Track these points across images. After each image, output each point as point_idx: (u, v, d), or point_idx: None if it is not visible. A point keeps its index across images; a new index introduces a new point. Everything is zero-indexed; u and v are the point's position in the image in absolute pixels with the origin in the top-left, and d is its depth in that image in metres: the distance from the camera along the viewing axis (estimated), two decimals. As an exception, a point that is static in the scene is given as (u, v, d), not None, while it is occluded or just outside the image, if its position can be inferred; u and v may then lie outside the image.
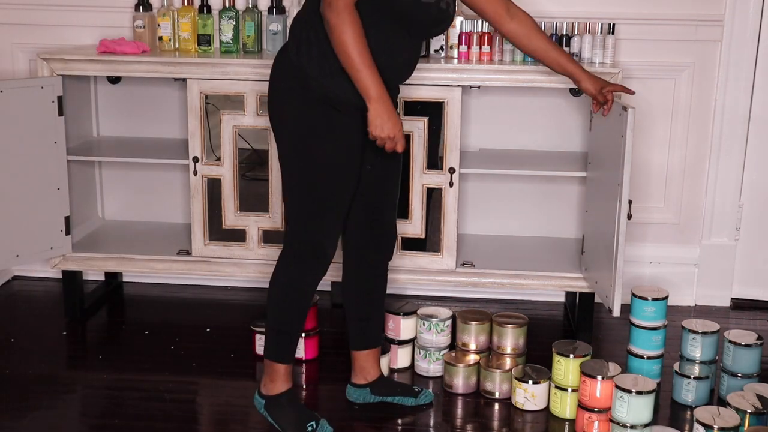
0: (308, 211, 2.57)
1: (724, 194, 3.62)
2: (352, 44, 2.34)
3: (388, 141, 2.45)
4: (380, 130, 2.42)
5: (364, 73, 2.37)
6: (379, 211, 2.72)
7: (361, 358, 2.86)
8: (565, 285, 3.31)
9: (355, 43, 2.34)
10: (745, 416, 2.57)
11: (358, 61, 2.35)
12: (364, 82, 2.38)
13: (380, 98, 2.40)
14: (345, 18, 2.32)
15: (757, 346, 2.89)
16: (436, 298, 3.65)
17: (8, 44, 3.68)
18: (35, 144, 3.24)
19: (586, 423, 2.69)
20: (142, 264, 3.41)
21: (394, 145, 2.47)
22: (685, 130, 3.58)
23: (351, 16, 2.33)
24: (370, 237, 2.74)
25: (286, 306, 2.65)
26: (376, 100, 2.40)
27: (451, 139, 3.20)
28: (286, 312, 2.66)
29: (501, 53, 3.29)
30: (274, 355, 2.68)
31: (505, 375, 2.90)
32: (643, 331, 2.92)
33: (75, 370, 3.14)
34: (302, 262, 2.60)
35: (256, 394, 2.72)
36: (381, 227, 2.75)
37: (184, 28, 3.40)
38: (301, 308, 2.67)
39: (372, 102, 2.40)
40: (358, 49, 2.35)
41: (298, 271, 2.61)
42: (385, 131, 2.43)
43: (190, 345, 3.26)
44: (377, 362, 2.88)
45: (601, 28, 3.31)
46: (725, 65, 3.50)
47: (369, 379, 2.86)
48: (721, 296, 3.70)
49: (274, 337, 2.68)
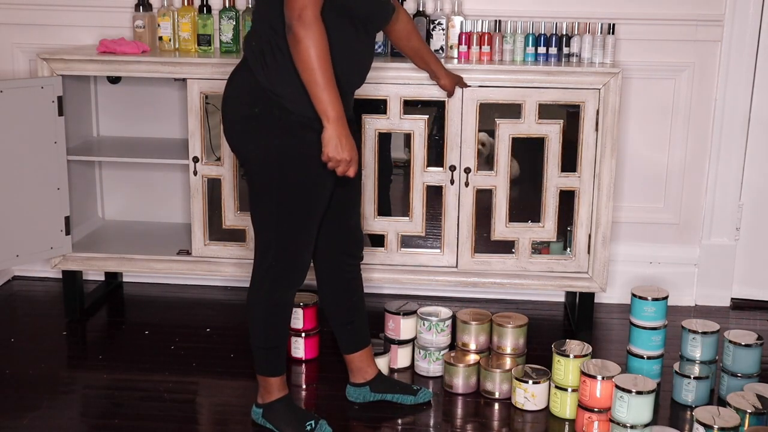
0: (288, 232, 2.51)
1: (724, 194, 3.62)
2: (318, 61, 2.28)
3: (343, 164, 2.39)
4: (336, 152, 2.36)
5: (327, 92, 2.31)
6: (345, 216, 2.69)
7: (356, 360, 2.86)
8: (565, 285, 3.31)
9: (321, 60, 2.28)
10: (745, 416, 2.57)
11: (321, 79, 2.30)
12: (325, 101, 2.32)
13: (340, 119, 2.35)
14: (314, 32, 2.26)
15: (757, 346, 2.89)
16: (436, 298, 3.65)
17: (8, 44, 3.68)
18: (35, 144, 3.24)
19: (586, 423, 2.69)
20: (142, 264, 3.41)
21: (347, 169, 2.41)
22: (685, 130, 3.58)
23: (320, 31, 2.27)
24: (340, 242, 2.71)
25: (273, 324, 2.62)
26: (336, 120, 2.34)
27: (452, 137, 3.20)
28: (275, 329, 2.63)
29: (501, 53, 3.30)
30: (267, 371, 2.66)
31: (505, 375, 2.90)
32: (643, 331, 2.92)
33: (75, 370, 3.14)
34: (284, 279, 2.56)
35: (254, 406, 2.72)
36: (349, 231, 2.73)
37: (184, 28, 3.40)
38: (288, 321, 2.66)
39: (331, 122, 2.34)
40: (323, 66, 2.29)
41: (281, 288, 2.57)
42: (341, 154, 2.37)
43: (190, 345, 3.26)
44: (372, 360, 2.88)
45: (601, 28, 3.31)
46: (725, 65, 3.50)
47: (368, 377, 2.86)
48: (721, 296, 3.70)
49: (264, 354, 2.65)
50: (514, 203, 3.29)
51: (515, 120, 3.19)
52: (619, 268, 3.64)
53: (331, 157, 2.38)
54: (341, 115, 2.36)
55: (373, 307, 3.57)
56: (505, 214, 3.25)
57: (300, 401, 2.92)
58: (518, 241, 3.27)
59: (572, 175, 3.21)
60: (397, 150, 3.48)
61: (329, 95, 2.32)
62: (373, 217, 3.30)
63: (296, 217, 2.51)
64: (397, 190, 3.45)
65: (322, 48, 2.28)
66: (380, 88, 3.19)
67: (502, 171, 3.22)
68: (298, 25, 2.26)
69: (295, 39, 2.28)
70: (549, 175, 3.22)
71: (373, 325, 3.33)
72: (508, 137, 3.20)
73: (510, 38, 3.29)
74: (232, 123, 2.49)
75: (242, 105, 2.45)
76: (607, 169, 3.19)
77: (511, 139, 3.19)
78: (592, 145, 3.18)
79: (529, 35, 3.29)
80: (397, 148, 3.48)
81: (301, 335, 3.13)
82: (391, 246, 3.31)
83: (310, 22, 2.26)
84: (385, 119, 3.22)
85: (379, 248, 3.32)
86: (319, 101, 2.33)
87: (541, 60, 3.29)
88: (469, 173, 3.21)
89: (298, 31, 2.27)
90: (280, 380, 2.68)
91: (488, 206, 3.28)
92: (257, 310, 2.60)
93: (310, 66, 2.29)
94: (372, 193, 3.27)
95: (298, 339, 3.13)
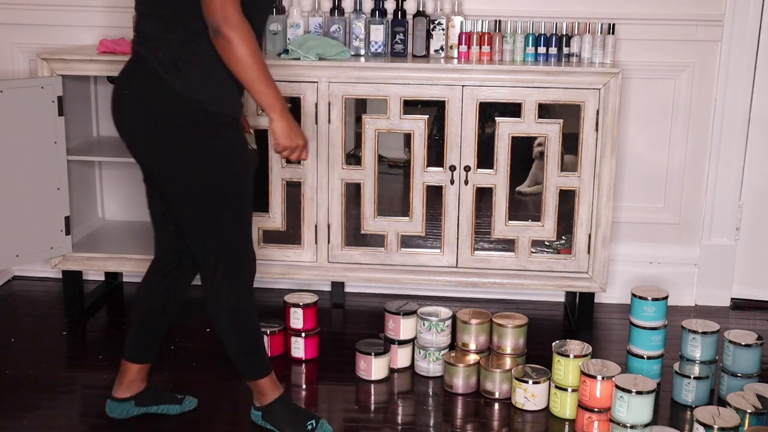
0: (235, 233, 2.49)
1: (724, 194, 3.62)
2: (253, 58, 2.26)
3: (298, 149, 2.43)
4: (291, 140, 2.40)
5: (267, 85, 2.31)
6: None
7: (132, 372, 2.71)
8: (565, 285, 3.31)
9: (255, 56, 2.26)
10: (745, 416, 2.57)
11: (260, 74, 2.29)
12: (269, 94, 2.32)
13: (285, 109, 2.37)
14: (242, 31, 2.23)
15: (757, 346, 2.89)
16: (436, 298, 3.65)
17: (8, 44, 3.68)
18: (35, 144, 3.24)
19: (586, 423, 2.69)
20: (142, 264, 3.40)
21: (300, 155, 2.44)
22: (685, 130, 3.58)
23: (246, 28, 2.24)
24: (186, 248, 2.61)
25: (244, 327, 2.58)
26: (283, 110, 2.36)
27: (452, 137, 3.20)
28: (247, 331, 2.60)
29: (501, 53, 3.30)
30: (255, 374, 2.63)
31: (505, 375, 2.90)
32: (643, 331, 2.92)
33: (75, 370, 3.14)
34: (239, 280, 2.53)
35: (252, 409, 2.70)
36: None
37: (184, 28, 3.39)
38: (256, 318, 2.60)
39: (278, 114, 2.35)
40: (259, 61, 2.27)
41: (240, 289, 2.54)
42: (296, 140, 2.40)
43: (190, 345, 3.26)
44: (146, 376, 2.76)
45: (601, 28, 3.31)
46: (725, 65, 3.50)
47: (135, 392, 2.73)
48: (721, 296, 3.70)
49: (247, 360, 2.62)
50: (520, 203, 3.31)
51: (515, 120, 3.19)
52: (619, 268, 3.64)
53: (286, 146, 2.41)
54: (286, 105, 2.38)
55: (373, 307, 3.58)
56: (504, 213, 3.25)
57: (300, 401, 2.92)
58: (518, 240, 3.27)
59: (572, 175, 3.22)
60: (397, 150, 3.49)
61: (271, 88, 2.32)
62: (373, 217, 3.30)
63: (239, 216, 2.50)
64: (397, 190, 3.45)
65: (253, 44, 2.26)
66: (380, 88, 3.19)
67: (502, 170, 3.22)
68: (226, 27, 2.22)
69: (225, 41, 2.24)
70: (549, 174, 3.22)
71: (374, 325, 3.35)
72: (508, 137, 3.20)
73: (510, 38, 3.29)
74: (149, 141, 2.42)
75: (159, 120, 2.38)
76: (607, 169, 3.19)
77: (511, 138, 3.20)
78: (592, 145, 3.19)
79: (529, 35, 3.29)
80: (397, 148, 3.49)
81: (301, 335, 3.13)
82: (391, 246, 3.31)
83: (236, 22, 2.23)
84: (385, 119, 3.22)
85: (379, 248, 3.32)
86: (263, 95, 2.32)
87: (541, 60, 3.29)
88: (468, 171, 3.22)
89: (227, 33, 2.23)
90: (269, 380, 2.65)
91: (489, 205, 3.28)
92: (223, 320, 2.56)
93: (247, 64, 2.26)
94: (372, 193, 3.27)
95: (298, 339, 3.13)
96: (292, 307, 3.14)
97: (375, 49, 3.36)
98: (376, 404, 2.90)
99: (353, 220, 3.34)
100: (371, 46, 3.37)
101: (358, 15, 3.37)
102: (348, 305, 3.65)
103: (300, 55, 3.21)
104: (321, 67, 3.19)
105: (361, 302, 3.68)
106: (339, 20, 3.38)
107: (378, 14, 3.36)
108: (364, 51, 3.38)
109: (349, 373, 3.03)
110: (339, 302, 3.64)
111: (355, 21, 3.37)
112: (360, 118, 3.27)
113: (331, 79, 3.19)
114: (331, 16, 3.39)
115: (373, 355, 2.99)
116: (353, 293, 3.73)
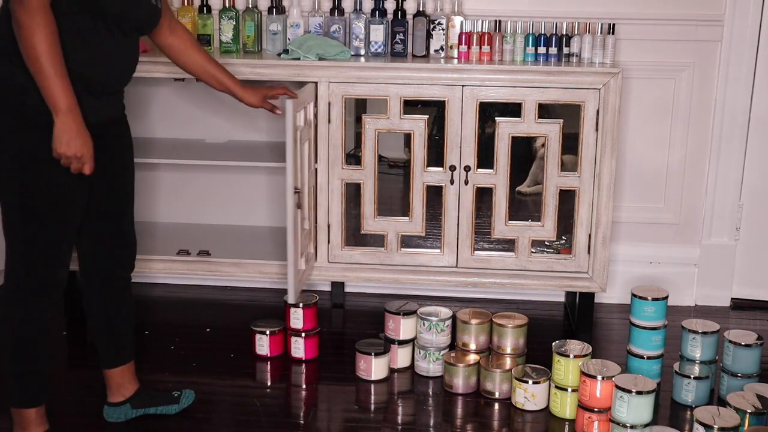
0: (39, 243, 2.33)
1: (724, 194, 3.62)
2: (44, 48, 2.13)
3: (74, 160, 2.23)
4: (66, 148, 2.20)
5: (54, 81, 2.15)
6: (114, 223, 2.57)
7: (116, 376, 2.69)
8: (565, 285, 3.31)
9: (46, 48, 2.13)
10: (745, 416, 2.57)
11: (47, 68, 2.14)
12: (53, 91, 2.16)
13: (70, 111, 2.19)
14: (38, 18, 2.12)
15: (757, 346, 2.89)
16: (436, 298, 3.65)
17: (8, 44, 3.68)
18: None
19: (586, 423, 2.69)
20: (142, 264, 3.40)
21: (81, 166, 2.25)
22: (685, 130, 3.58)
23: (45, 17, 2.13)
24: (110, 251, 2.57)
25: (27, 344, 2.40)
26: (66, 113, 2.18)
27: (452, 137, 3.20)
28: (33, 351, 2.42)
29: (501, 53, 3.30)
30: (24, 401, 2.43)
31: (505, 375, 2.90)
32: (643, 331, 2.92)
33: (75, 370, 3.14)
34: (40, 300, 2.37)
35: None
36: (119, 239, 2.60)
37: (184, 28, 3.40)
38: (45, 345, 2.43)
39: (60, 115, 2.18)
40: (49, 54, 2.14)
41: (38, 310, 2.38)
42: (72, 149, 2.21)
43: (190, 345, 3.26)
44: (133, 376, 2.73)
45: (601, 28, 3.31)
46: (725, 65, 3.50)
47: (127, 394, 2.72)
48: (721, 296, 3.70)
49: (21, 381, 2.42)
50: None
51: (515, 120, 3.19)
52: (619, 268, 3.64)
53: (60, 153, 2.22)
54: (71, 107, 2.19)
55: (373, 307, 3.58)
56: (504, 213, 3.25)
57: (300, 401, 2.92)
58: (518, 240, 3.28)
59: (572, 175, 3.22)
60: (397, 150, 3.49)
61: (58, 85, 2.17)
62: (373, 217, 3.30)
63: (49, 224, 2.32)
64: (397, 190, 3.45)
65: (47, 35, 2.14)
66: (380, 88, 3.19)
67: (502, 170, 3.22)
68: (20, 11, 2.13)
69: (17, 25, 2.14)
70: (549, 174, 3.22)
71: (373, 325, 3.35)
72: (508, 137, 3.20)
73: (510, 38, 3.29)
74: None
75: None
76: (607, 169, 3.19)
77: (511, 138, 3.20)
78: (592, 145, 3.19)
79: (529, 35, 3.29)
80: (397, 148, 3.49)
81: (301, 335, 3.13)
82: (391, 246, 3.31)
83: (32, 8, 2.12)
84: (385, 119, 3.22)
85: (379, 248, 3.33)
86: (48, 91, 2.17)
87: (541, 60, 3.29)
88: (468, 171, 3.22)
89: (20, 17, 2.13)
90: (37, 412, 2.45)
91: (489, 205, 3.29)
92: (7, 328, 2.39)
93: (34, 54, 2.14)
94: (372, 193, 3.27)
95: (298, 339, 3.13)
96: (292, 307, 3.14)
97: (375, 49, 3.36)
98: (376, 404, 2.90)
99: (353, 220, 3.34)
100: (371, 46, 3.37)
101: (358, 15, 3.37)
102: (348, 305, 3.65)
103: (300, 55, 3.21)
104: (321, 67, 3.19)
105: (361, 302, 3.68)
106: (339, 20, 3.38)
107: (378, 14, 3.36)
108: (364, 51, 3.39)
109: (349, 373, 3.03)
110: (339, 302, 3.64)
111: (355, 21, 3.37)
112: (360, 118, 3.27)
113: (331, 79, 3.19)
114: (331, 16, 3.39)
115: (373, 355, 2.99)
116: (353, 293, 3.73)
